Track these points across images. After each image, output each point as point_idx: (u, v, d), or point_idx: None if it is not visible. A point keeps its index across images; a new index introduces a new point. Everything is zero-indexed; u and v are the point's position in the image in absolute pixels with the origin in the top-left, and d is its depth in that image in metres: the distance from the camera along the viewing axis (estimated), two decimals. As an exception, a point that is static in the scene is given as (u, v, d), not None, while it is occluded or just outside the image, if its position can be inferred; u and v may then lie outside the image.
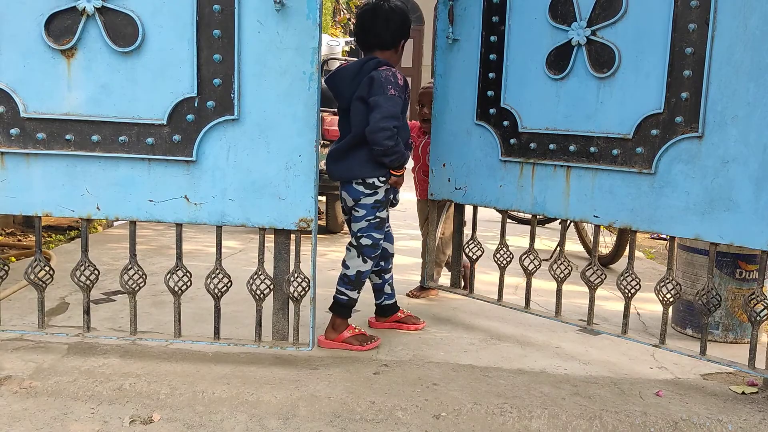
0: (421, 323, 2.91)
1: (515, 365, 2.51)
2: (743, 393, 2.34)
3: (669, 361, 2.61)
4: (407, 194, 3.58)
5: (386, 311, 2.88)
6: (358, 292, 2.65)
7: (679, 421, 2.11)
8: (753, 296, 2.29)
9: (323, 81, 2.62)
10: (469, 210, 3.07)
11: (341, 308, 2.64)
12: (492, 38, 2.74)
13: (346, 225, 2.84)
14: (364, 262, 2.63)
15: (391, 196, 2.72)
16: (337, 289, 2.64)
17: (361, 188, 2.59)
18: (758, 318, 2.26)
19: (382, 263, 2.81)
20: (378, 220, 2.63)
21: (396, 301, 2.91)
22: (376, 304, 2.90)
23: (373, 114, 2.46)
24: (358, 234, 2.62)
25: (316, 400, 2.15)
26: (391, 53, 2.65)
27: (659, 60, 2.31)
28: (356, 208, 2.62)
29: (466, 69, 2.82)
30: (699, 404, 2.23)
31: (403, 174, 2.65)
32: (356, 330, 2.66)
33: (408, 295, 3.35)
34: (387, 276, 2.86)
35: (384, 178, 2.60)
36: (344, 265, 2.66)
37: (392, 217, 3.49)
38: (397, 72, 2.55)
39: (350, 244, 2.66)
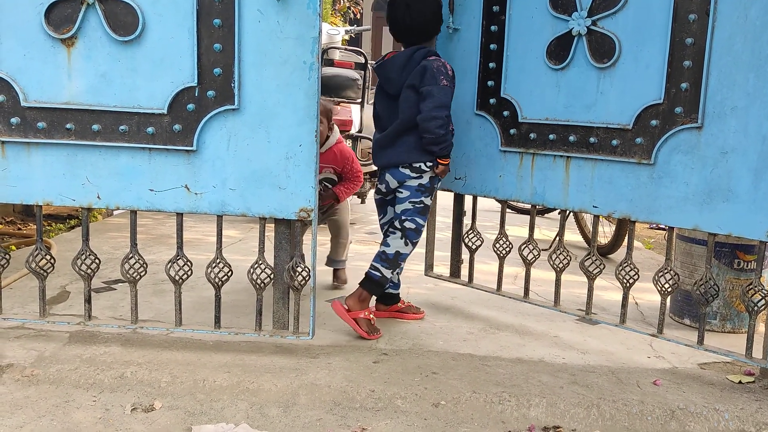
0: (421, 313, 2.92)
1: (514, 354, 2.53)
2: (740, 382, 2.35)
3: (667, 351, 2.62)
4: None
5: (388, 300, 2.89)
6: (392, 273, 2.67)
7: (676, 410, 2.13)
8: (751, 286, 2.30)
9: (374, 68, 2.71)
10: (468, 200, 3.08)
11: (372, 284, 2.65)
12: (492, 28, 2.74)
13: (377, 211, 2.88)
14: (406, 245, 2.66)
15: (437, 185, 2.75)
16: (372, 265, 2.66)
17: (407, 171, 2.64)
18: (756, 308, 2.28)
19: None
20: (422, 205, 2.66)
21: (399, 292, 2.92)
22: None
23: (426, 103, 2.52)
24: (402, 217, 2.66)
25: (316, 388, 2.16)
26: (432, 42, 2.72)
27: (659, 50, 2.31)
28: (400, 189, 2.67)
29: (467, 59, 2.82)
30: (696, 393, 2.24)
31: (448, 164, 2.67)
32: (371, 316, 2.66)
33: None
34: None
35: (430, 164, 2.63)
36: (385, 243, 2.68)
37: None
38: (446, 62, 2.59)
39: (394, 225, 2.69)
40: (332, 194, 3.20)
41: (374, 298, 2.84)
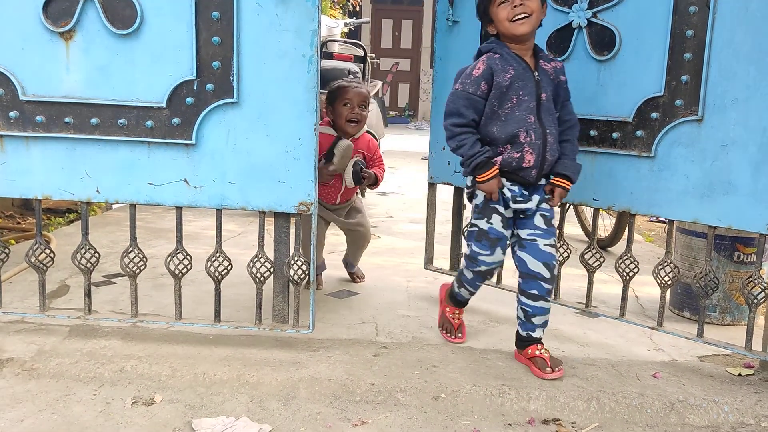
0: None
1: (514, 347, 2.53)
2: (740, 375, 2.36)
3: (666, 344, 2.63)
4: (407, 178, 3.60)
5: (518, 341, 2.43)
6: (459, 289, 2.52)
7: (675, 403, 2.13)
8: (750, 279, 2.30)
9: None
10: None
11: (453, 285, 2.58)
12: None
13: None
14: (465, 268, 2.44)
15: (506, 209, 2.28)
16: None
17: (468, 183, 2.39)
18: (755, 301, 2.28)
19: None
20: (475, 229, 2.32)
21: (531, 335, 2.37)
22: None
23: None
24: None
25: (317, 381, 2.17)
26: (492, 27, 2.28)
27: (660, 43, 2.31)
28: None
29: (466, 52, 2.80)
30: (696, 386, 2.25)
31: (489, 180, 2.21)
32: (455, 317, 2.58)
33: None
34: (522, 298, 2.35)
35: (472, 182, 2.31)
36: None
37: (391, 202, 3.49)
38: (485, 59, 2.21)
39: None
40: (373, 175, 3.00)
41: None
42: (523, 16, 2.17)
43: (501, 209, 2.28)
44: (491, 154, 2.22)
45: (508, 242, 2.33)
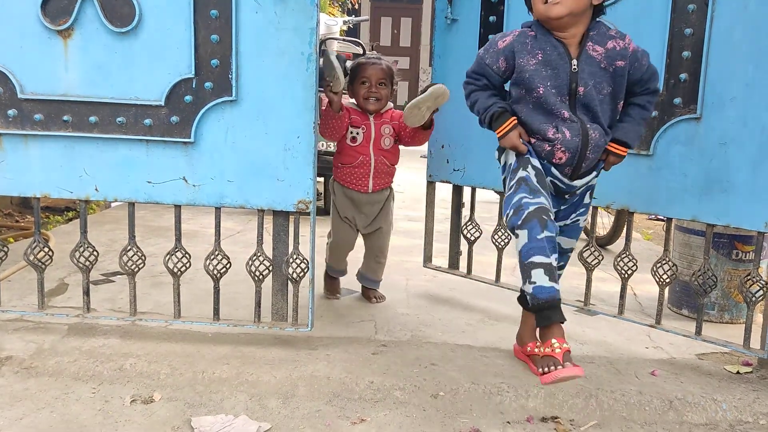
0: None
1: (513, 345, 2.53)
2: (738, 372, 2.36)
3: (665, 341, 2.63)
4: (406, 176, 3.60)
5: None
6: (524, 283, 1.96)
7: (674, 400, 2.13)
8: (749, 277, 2.30)
9: None
10: (467, 191, 3.07)
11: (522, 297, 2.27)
12: (491, 18, 2.73)
13: None
14: (516, 227, 1.95)
15: (522, 164, 2.03)
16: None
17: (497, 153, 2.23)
18: (754, 298, 2.28)
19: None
20: (513, 183, 2.03)
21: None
22: None
23: None
24: None
25: (316, 380, 2.17)
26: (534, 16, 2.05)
27: (658, 41, 2.31)
28: None
29: (466, 49, 2.81)
30: (694, 383, 2.25)
31: (508, 132, 2.03)
32: (554, 347, 1.90)
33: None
34: None
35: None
36: None
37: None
38: (516, 33, 2.03)
39: None
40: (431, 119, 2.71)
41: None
42: None
43: (536, 163, 2.01)
44: (507, 107, 2.06)
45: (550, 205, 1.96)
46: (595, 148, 2.04)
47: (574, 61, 1.97)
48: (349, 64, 2.99)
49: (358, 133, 2.78)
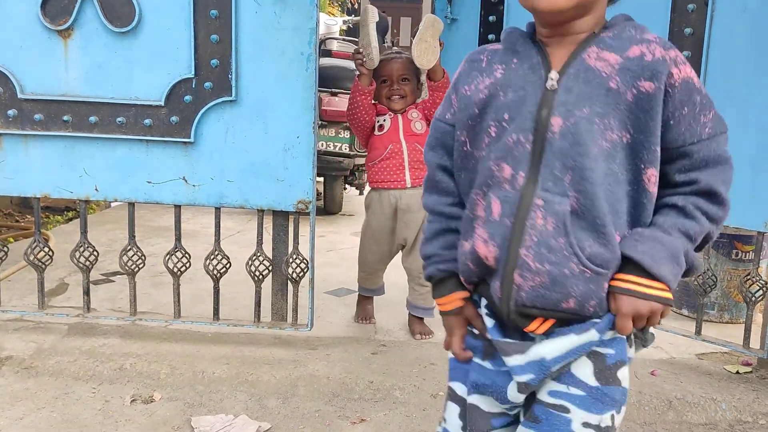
0: None
1: (512, 345, 2.53)
2: (737, 372, 2.36)
3: (664, 341, 2.63)
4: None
5: None
6: None
7: (673, 400, 2.13)
8: (748, 277, 2.30)
9: None
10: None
11: None
12: (491, 18, 2.72)
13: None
14: None
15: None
16: None
17: None
18: (754, 298, 2.28)
19: None
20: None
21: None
22: None
23: None
24: None
25: (315, 379, 2.17)
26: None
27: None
28: None
29: (465, 49, 2.79)
30: (693, 383, 2.25)
31: (447, 313, 1.28)
32: None
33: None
34: None
35: None
36: None
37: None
38: (469, 55, 1.14)
39: None
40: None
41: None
42: None
43: (462, 393, 1.16)
44: (452, 266, 1.16)
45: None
46: (541, 248, 0.98)
47: (553, 74, 1.02)
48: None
49: (384, 120, 2.57)
